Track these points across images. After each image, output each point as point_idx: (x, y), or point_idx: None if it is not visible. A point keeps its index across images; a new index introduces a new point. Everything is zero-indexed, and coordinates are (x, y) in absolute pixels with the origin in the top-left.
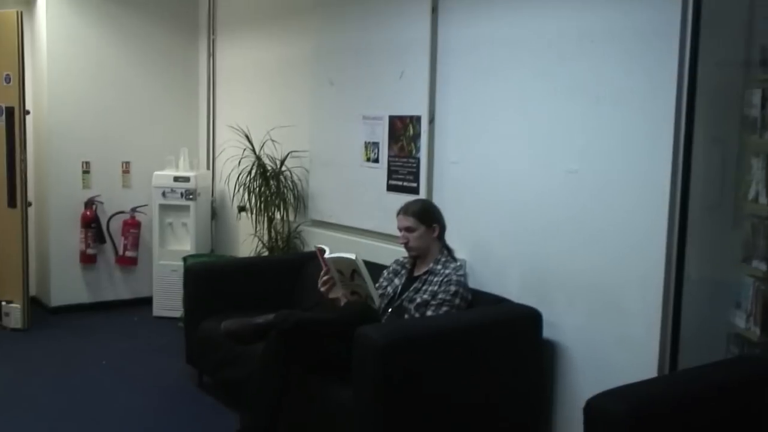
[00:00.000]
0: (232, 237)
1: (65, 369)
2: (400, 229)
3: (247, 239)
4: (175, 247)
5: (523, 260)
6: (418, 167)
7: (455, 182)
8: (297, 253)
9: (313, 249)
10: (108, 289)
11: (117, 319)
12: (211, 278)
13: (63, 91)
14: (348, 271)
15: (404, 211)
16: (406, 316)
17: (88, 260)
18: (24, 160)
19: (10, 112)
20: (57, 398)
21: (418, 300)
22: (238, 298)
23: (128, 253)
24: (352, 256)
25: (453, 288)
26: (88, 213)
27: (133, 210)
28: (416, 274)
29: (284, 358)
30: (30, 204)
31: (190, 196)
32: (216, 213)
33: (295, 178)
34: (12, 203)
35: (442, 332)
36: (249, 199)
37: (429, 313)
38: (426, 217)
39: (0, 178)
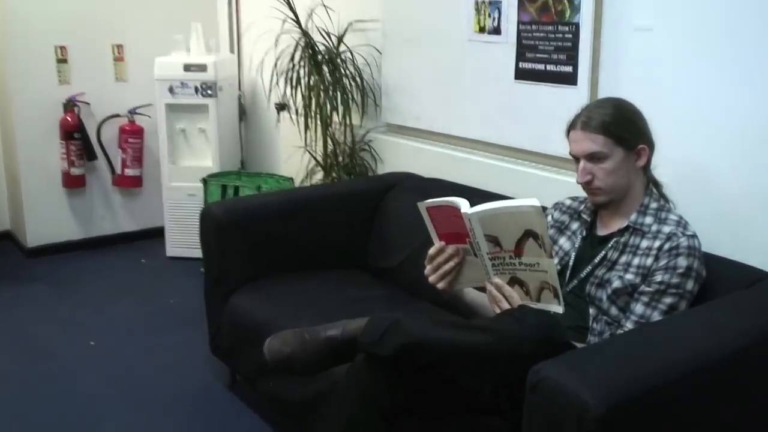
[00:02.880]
0: (270, 149)
1: (33, 354)
2: (576, 157)
3: (292, 154)
4: (190, 162)
5: None
6: (576, 39)
7: (645, 65)
8: (371, 177)
9: (392, 170)
10: (104, 220)
11: (116, 262)
12: (242, 227)
13: None
14: (510, 239)
15: (584, 124)
16: (591, 312)
17: (74, 183)
18: None
19: None
20: (16, 404)
21: (616, 284)
22: (286, 256)
23: (129, 171)
24: (532, 203)
25: (683, 262)
26: (68, 119)
27: (132, 112)
28: (603, 233)
29: (380, 405)
30: None
31: (209, 92)
32: (246, 114)
33: (360, 62)
34: None
35: (704, 371)
36: (293, 95)
37: (639, 309)
38: (626, 132)
39: None
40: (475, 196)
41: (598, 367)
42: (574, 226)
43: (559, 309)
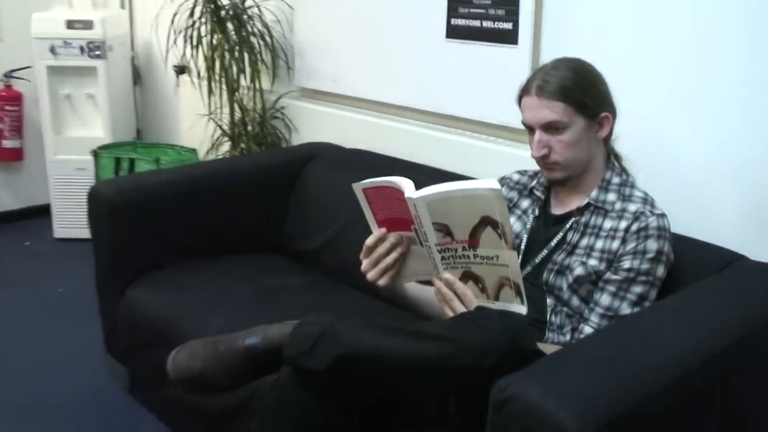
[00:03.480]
0: (170, 117)
1: None
2: (530, 127)
3: (194, 122)
4: (78, 132)
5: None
6: None
7: (597, 22)
8: (287, 149)
9: (308, 140)
10: None
11: None
12: (137, 209)
13: None
14: (464, 228)
15: (540, 88)
16: (548, 303)
17: None
18: None
19: None
20: None
21: (579, 270)
22: (191, 241)
23: (7, 143)
24: (491, 185)
25: (653, 245)
26: None
27: (8, 76)
28: (559, 211)
29: (312, 425)
30: None
31: (97, 52)
32: (141, 78)
33: (269, 18)
34: None
35: (693, 375)
36: (194, 56)
37: (606, 299)
38: (588, 98)
39: None
40: (406, 170)
41: (576, 379)
42: (525, 204)
43: (522, 309)
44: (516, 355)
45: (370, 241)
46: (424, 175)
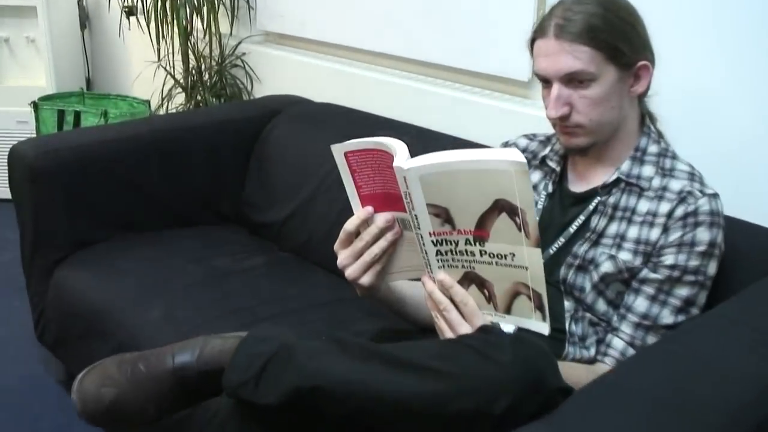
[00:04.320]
0: (122, 65)
1: None
2: (546, 80)
3: (144, 70)
4: (18, 81)
5: None
6: None
7: None
8: (247, 103)
9: (273, 92)
10: None
11: None
12: (65, 174)
13: None
14: (469, 214)
15: (560, 29)
16: (567, 307)
17: None
18: None
19: None
20: None
21: (606, 266)
22: (132, 211)
23: None
24: (512, 157)
25: (705, 236)
26: None
27: None
28: (580, 189)
29: None
30: None
31: None
32: (89, 20)
33: None
34: None
35: None
36: None
37: (642, 304)
38: (623, 41)
39: None
40: (387, 129)
41: None
42: (535, 177)
43: (544, 328)
44: (537, 397)
45: (351, 225)
46: (408, 135)
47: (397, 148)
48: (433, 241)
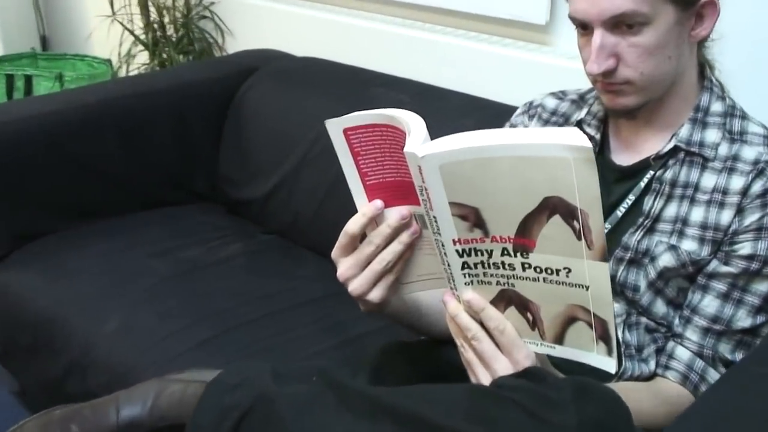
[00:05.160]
0: (80, 21)
1: None
2: (584, 25)
3: (100, 24)
4: None
5: None
6: None
7: None
8: (218, 60)
9: (248, 47)
10: None
11: None
12: (8, 152)
13: None
14: (509, 216)
15: None
16: (617, 310)
17: None
18: None
19: None
20: None
21: (666, 259)
22: (89, 195)
23: None
24: (572, 140)
25: None
26: None
27: None
28: (627, 162)
29: None
30: None
31: None
32: None
33: None
34: None
35: None
36: None
37: (712, 304)
38: None
39: None
40: (380, 85)
41: None
42: None
43: (611, 365)
44: None
45: (354, 225)
46: (407, 93)
47: (412, 124)
48: (458, 251)
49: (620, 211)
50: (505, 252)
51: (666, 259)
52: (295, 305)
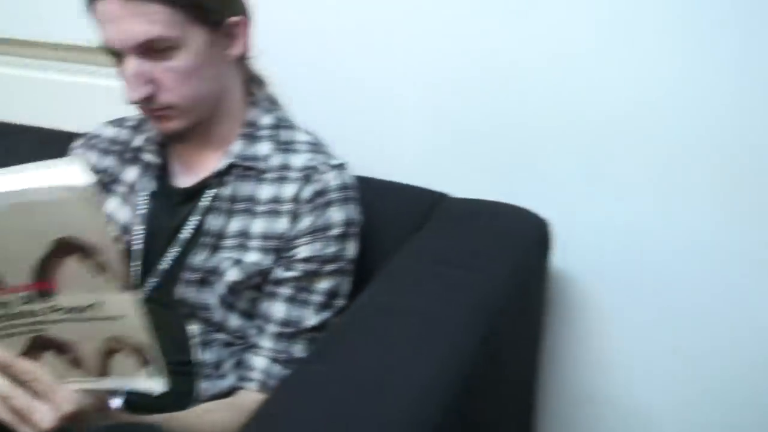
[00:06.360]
0: None
1: None
2: (118, 53)
3: None
4: None
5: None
6: None
7: None
8: None
9: None
10: None
11: None
12: None
13: None
14: (22, 263)
15: None
16: (193, 331)
17: None
18: None
19: None
20: None
21: (233, 274)
22: None
23: None
24: (71, 182)
25: (339, 215)
26: None
27: None
28: (188, 183)
29: None
30: None
31: None
32: None
33: None
34: None
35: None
36: None
37: (281, 309)
38: None
39: None
40: None
41: None
42: (131, 175)
43: (157, 386)
44: None
45: None
46: None
47: None
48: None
49: (185, 233)
50: (27, 300)
51: (233, 274)
52: None
